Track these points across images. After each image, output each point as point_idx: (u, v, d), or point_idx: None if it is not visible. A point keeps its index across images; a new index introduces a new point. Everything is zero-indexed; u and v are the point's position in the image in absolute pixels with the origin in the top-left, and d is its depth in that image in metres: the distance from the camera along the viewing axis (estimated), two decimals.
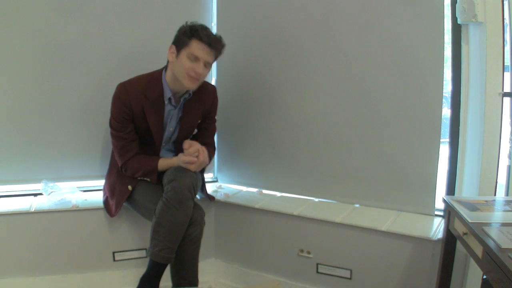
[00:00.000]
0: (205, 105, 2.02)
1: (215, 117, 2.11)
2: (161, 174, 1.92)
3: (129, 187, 1.94)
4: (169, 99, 1.90)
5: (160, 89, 1.89)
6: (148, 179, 1.94)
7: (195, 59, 1.80)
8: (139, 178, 1.95)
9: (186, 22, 1.85)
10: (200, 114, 2.02)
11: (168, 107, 1.93)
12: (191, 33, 1.80)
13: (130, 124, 1.90)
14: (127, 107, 1.86)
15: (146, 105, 1.88)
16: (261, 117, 2.31)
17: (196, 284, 1.87)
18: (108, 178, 2.07)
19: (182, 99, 1.94)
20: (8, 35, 2.05)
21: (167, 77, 1.89)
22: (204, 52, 1.80)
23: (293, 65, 2.18)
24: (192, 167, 1.84)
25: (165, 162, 1.92)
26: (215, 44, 1.82)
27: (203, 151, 1.87)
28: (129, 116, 1.88)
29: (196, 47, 1.79)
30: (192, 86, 1.86)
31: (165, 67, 1.92)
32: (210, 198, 2.18)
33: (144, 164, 1.92)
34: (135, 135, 1.94)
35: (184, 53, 1.81)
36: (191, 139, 2.06)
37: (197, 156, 1.84)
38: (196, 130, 2.09)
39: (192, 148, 1.85)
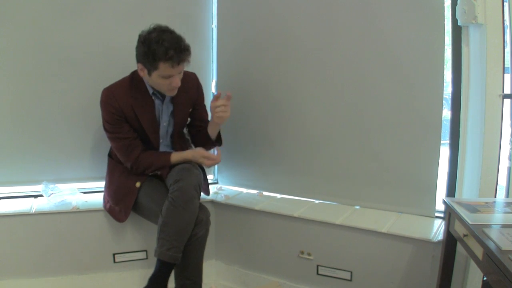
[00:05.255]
0: (191, 93, 2.02)
1: (204, 103, 2.13)
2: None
3: (137, 184, 1.93)
4: (153, 93, 1.91)
5: (144, 87, 1.90)
6: (159, 172, 1.96)
7: (169, 76, 1.78)
8: (150, 173, 1.96)
9: (139, 38, 1.76)
10: (189, 102, 2.03)
11: (156, 102, 1.93)
12: (155, 58, 1.72)
13: (126, 124, 1.91)
14: (117, 110, 1.87)
15: (135, 105, 1.89)
16: (261, 119, 2.31)
17: (201, 284, 1.87)
18: (109, 187, 2.04)
19: (167, 96, 1.94)
20: (8, 36, 2.06)
21: (147, 80, 1.87)
22: (175, 70, 1.76)
23: (294, 67, 2.18)
24: (208, 163, 1.93)
25: (178, 155, 1.94)
26: (183, 59, 1.75)
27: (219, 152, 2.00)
28: (121, 117, 1.89)
29: (165, 69, 1.74)
30: (174, 93, 1.88)
31: None
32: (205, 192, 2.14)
33: (157, 158, 1.94)
34: (135, 133, 1.94)
35: (156, 74, 1.78)
36: (196, 142, 2.11)
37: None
38: (189, 119, 2.10)
39: (220, 103, 1.91)
